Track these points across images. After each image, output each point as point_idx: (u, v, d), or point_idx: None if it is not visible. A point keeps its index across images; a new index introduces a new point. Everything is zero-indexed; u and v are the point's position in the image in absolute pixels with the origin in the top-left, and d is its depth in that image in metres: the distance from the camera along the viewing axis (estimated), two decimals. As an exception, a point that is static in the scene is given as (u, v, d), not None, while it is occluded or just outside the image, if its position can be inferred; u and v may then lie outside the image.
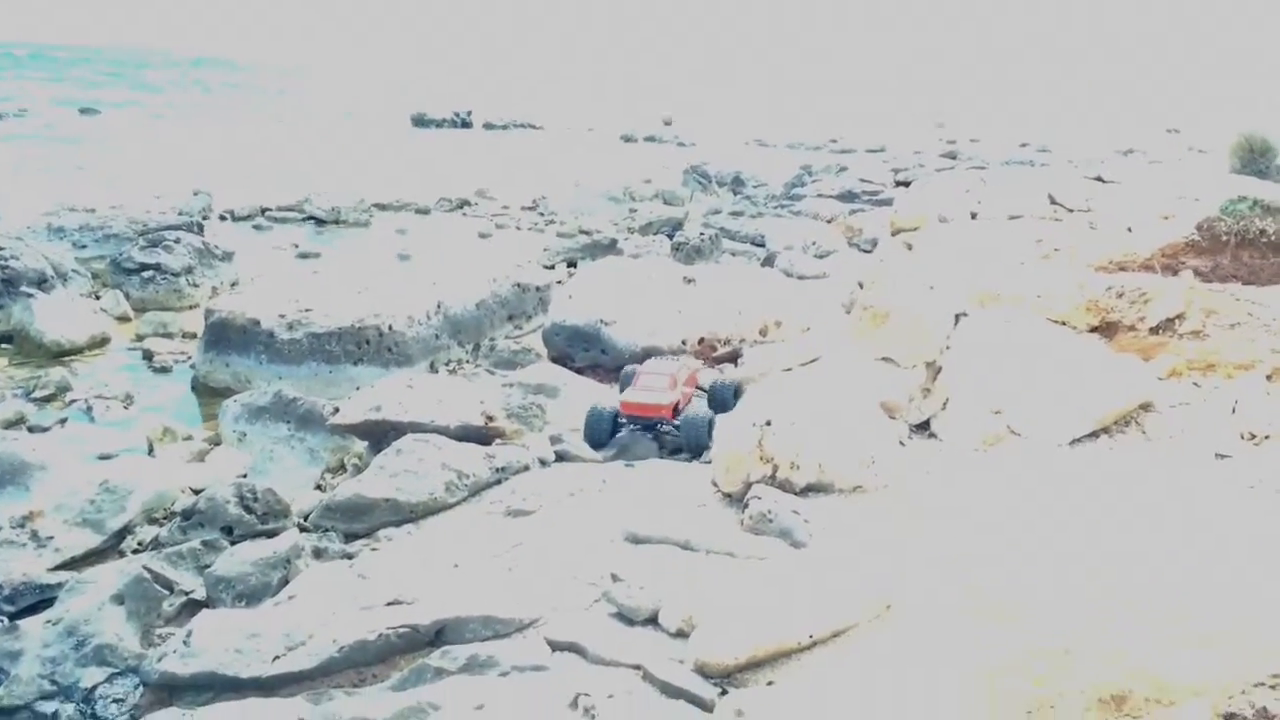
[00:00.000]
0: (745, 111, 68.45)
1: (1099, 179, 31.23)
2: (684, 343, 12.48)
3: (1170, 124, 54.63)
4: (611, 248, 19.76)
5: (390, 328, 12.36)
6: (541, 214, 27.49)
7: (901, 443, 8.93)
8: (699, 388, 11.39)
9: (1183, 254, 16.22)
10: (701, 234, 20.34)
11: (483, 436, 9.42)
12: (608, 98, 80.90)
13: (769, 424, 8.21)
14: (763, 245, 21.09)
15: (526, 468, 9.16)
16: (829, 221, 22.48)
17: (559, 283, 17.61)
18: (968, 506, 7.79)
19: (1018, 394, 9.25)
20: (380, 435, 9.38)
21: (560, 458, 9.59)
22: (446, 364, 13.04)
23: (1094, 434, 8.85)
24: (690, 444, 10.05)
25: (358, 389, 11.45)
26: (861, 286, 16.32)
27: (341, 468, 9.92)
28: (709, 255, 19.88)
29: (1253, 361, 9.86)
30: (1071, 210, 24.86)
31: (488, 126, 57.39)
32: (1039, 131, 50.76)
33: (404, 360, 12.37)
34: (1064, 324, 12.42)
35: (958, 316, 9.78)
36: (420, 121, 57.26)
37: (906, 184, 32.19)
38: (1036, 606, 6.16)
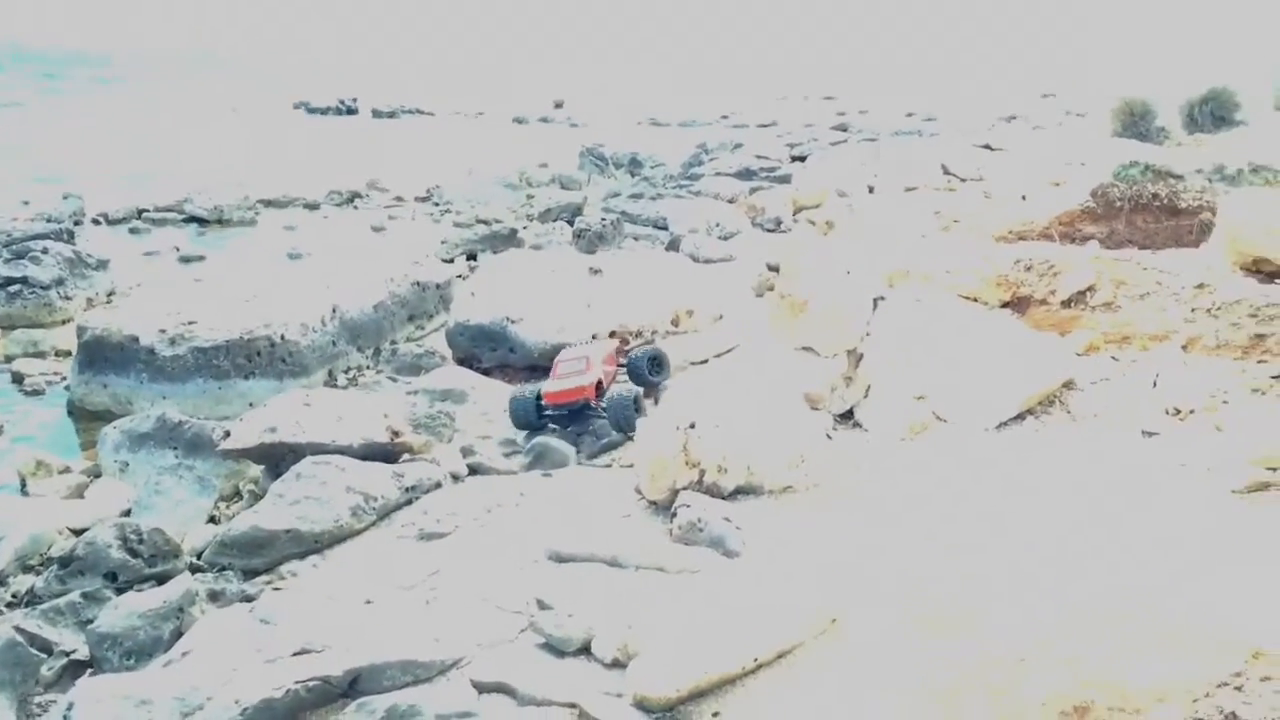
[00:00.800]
0: (636, 90, 67.97)
1: (987, 147, 31.75)
2: (594, 337, 12.02)
3: (1045, 89, 55.92)
4: (511, 238, 19.16)
5: (283, 337, 11.62)
6: (436, 204, 26.66)
7: (828, 435, 8.65)
8: (621, 365, 11.06)
9: (1079, 221, 16.45)
10: (603, 219, 19.85)
11: (389, 454, 8.84)
12: (497, 80, 79.54)
13: (693, 427, 7.84)
14: (665, 228, 20.70)
15: (438, 485, 8.62)
16: (730, 201, 22.22)
17: (460, 277, 16.98)
18: (902, 502, 7.55)
19: (940, 379, 9.06)
20: (277, 458, 8.73)
21: (473, 471, 9.07)
22: (346, 372, 12.36)
23: (1020, 416, 8.70)
24: (618, 423, 9.73)
25: (251, 406, 10.74)
26: (771, 269, 16.11)
27: (237, 495, 9.23)
28: (612, 241, 19.40)
29: (1166, 332, 9.88)
30: (964, 180, 25.20)
31: (375, 114, 55.80)
32: (923, 101, 51.43)
33: (299, 371, 11.65)
34: (975, 300, 12.36)
35: (876, 301, 9.53)
36: (304, 110, 55.43)
37: (802, 159, 32.27)
38: (985, 611, 5.92)
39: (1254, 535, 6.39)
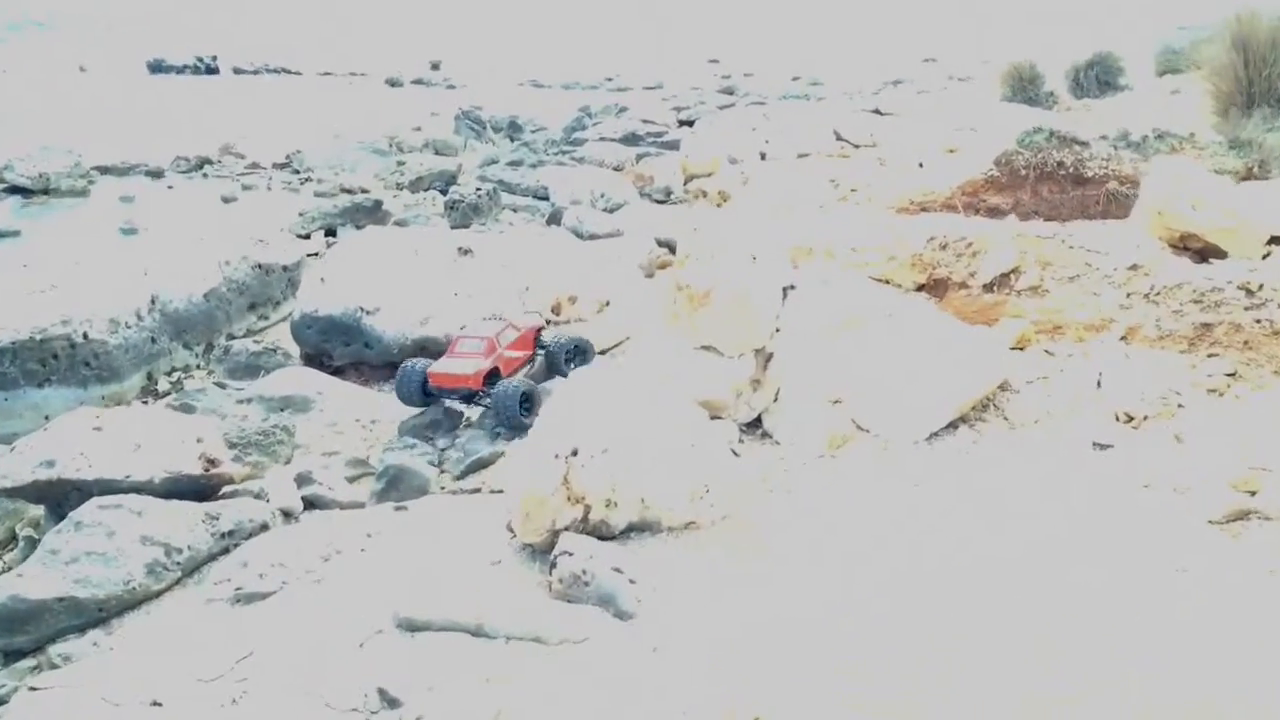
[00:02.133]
0: (516, 50, 65.55)
1: (877, 112, 30.84)
2: (462, 327, 10.48)
3: (925, 54, 55.73)
4: (376, 211, 17.33)
5: (86, 335, 9.76)
6: (296, 171, 24.48)
7: (734, 451, 7.35)
8: (544, 347, 9.73)
9: (983, 191, 15.53)
10: (478, 189, 18.21)
11: (202, 489, 7.20)
12: (371, 39, 75.95)
13: (575, 454, 6.43)
14: (546, 198, 19.15)
15: (264, 526, 7.04)
16: (616, 169, 20.76)
17: (314, 255, 15.17)
18: (826, 539, 6.31)
19: (861, 381, 7.85)
20: (58, 498, 7.01)
21: (311, 505, 7.50)
22: (169, 374, 10.56)
23: (952, 424, 7.55)
24: (502, 420, 8.66)
25: (46, 421, 8.89)
26: (663, 245, 14.73)
27: (12, 539, 7.48)
28: (488, 213, 17.79)
29: (1103, 321, 8.87)
30: (858, 146, 24.15)
31: (237, 72, 52.22)
32: (806, 64, 50.59)
33: (109, 376, 9.84)
34: (888, 282, 11.24)
35: (786, 290, 8.25)
36: (158, 68, 51.55)
37: (690, 123, 30.86)
38: (930, 690, 4.70)
39: (1248, 585, 5.32)
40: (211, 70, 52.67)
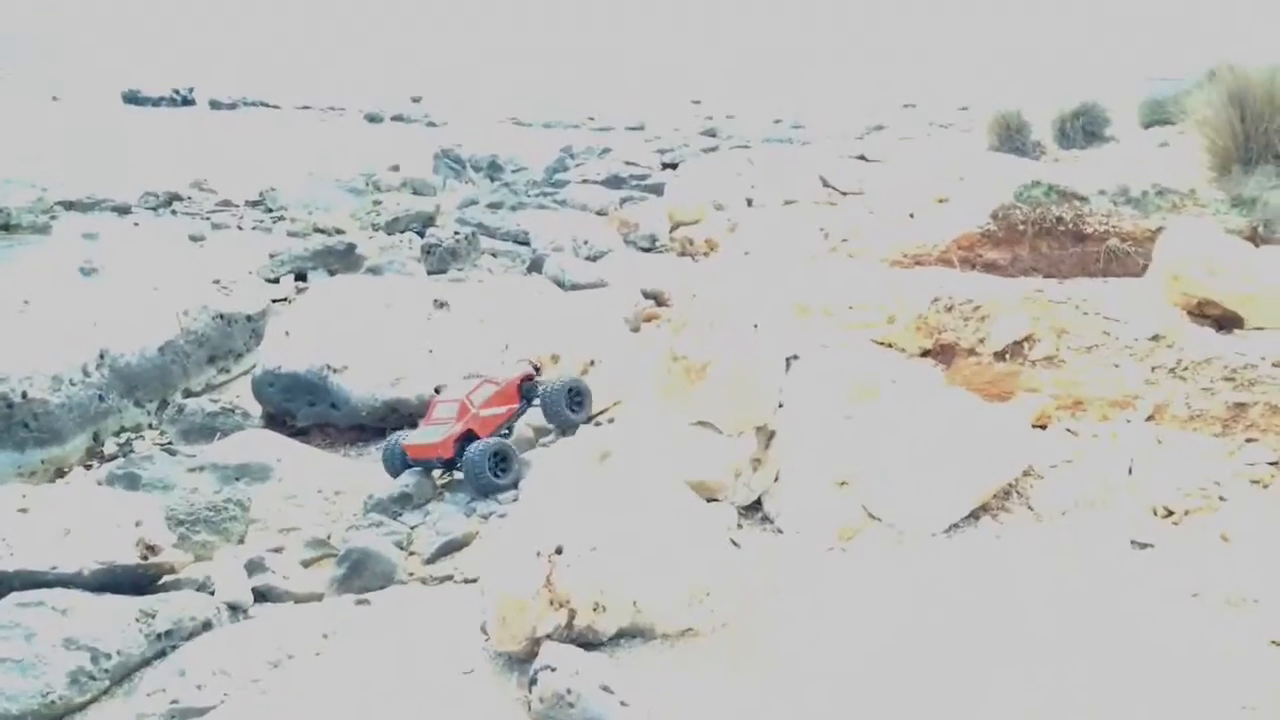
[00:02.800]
0: (498, 86, 65.26)
1: (863, 158, 30.45)
2: (438, 390, 9.79)
3: (904, 99, 55.78)
4: (349, 254, 16.61)
5: (25, 394, 8.98)
6: (269, 209, 23.74)
7: (734, 541, 6.66)
8: (527, 398, 9.18)
9: (979, 245, 15.06)
10: (456, 233, 17.54)
11: (140, 580, 6.43)
12: (351, 73, 75.52)
13: (559, 552, 5.72)
14: (527, 243, 18.52)
15: (207, 625, 6.26)
16: (600, 214, 20.17)
17: (283, 301, 14.45)
18: (836, 647, 5.61)
19: (872, 463, 7.19)
20: (-25, 590, 6.21)
21: (262, 597, 6.74)
22: (118, 435, 9.78)
23: (973, 514, 6.88)
24: (474, 484, 8.16)
25: (-24, 488, 8.10)
26: (649, 298, 14.10)
27: (-76, 634, 6.64)
28: (466, 258, 17.13)
29: (1127, 397, 8.25)
30: (845, 193, 23.74)
31: (214, 105, 51.50)
32: (788, 107, 50.45)
33: (50, 438, 9.05)
34: (890, 346, 10.64)
35: (789, 361, 7.60)
36: (133, 99, 50.78)
37: (674, 166, 30.47)
38: None
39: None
40: (188, 102, 52.08)
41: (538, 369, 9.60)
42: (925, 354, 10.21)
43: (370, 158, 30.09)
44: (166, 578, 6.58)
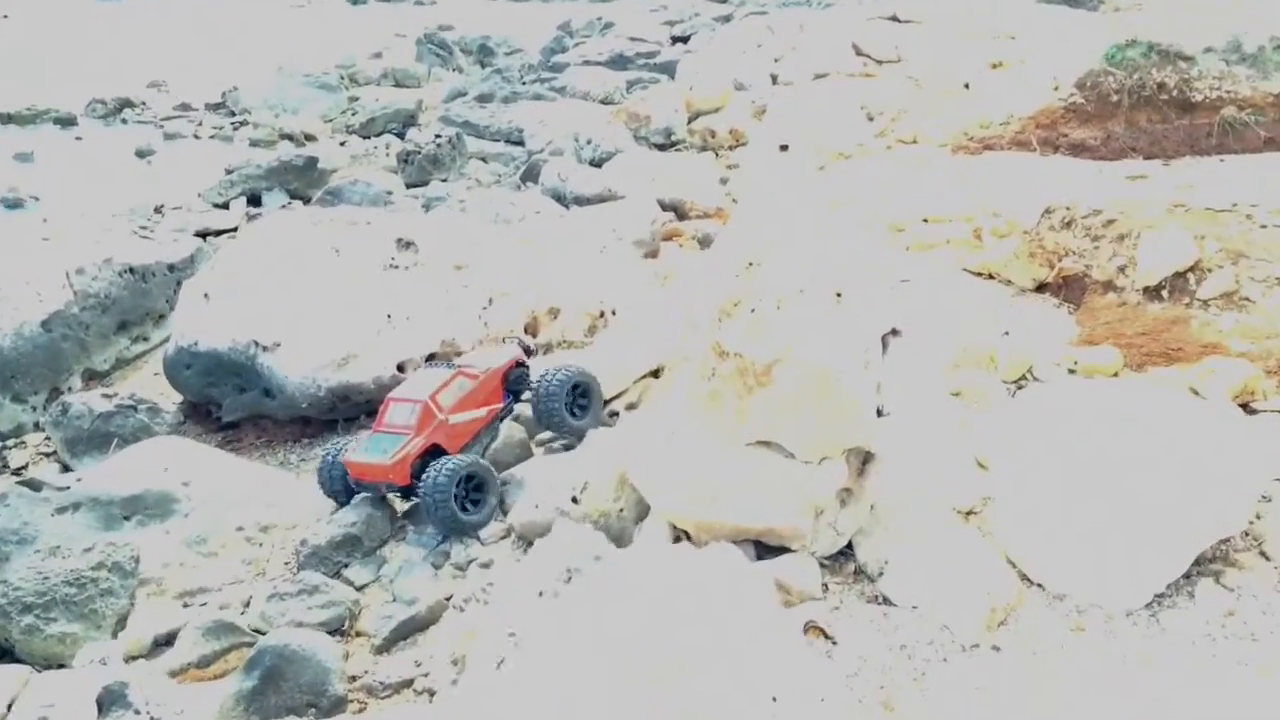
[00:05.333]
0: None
1: (895, 19, 27.09)
2: (400, 368, 7.44)
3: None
4: (310, 170, 14.01)
5: None
6: (232, 113, 21.05)
7: (823, 632, 4.38)
8: (514, 393, 6.80)
9: (1063, 122, 12.63)
10: (437, 137, 14.94)
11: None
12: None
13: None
14: (521, 143, 15.88)
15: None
16: (604, 102, 17.38)
17: (229, 235, 12.01)
18: None
19: (1018, 493, 4.84)
20: None
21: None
22: (-11, 445, 7.49)
23: (1187, 574, 4.55)
24: (437, 520, 5.91)
25: None
26: (669, 209, 11.59)
27: None
28: (449, 166, 14.59)
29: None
30: (881, 62, 20.65)
31: (184, -8, 47.84)
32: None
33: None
34: (992, 277, 8.14)
35: (886, 339, 5.16)
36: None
37: (685, 39, 27.31)
38: None
39: None
40: (156, -9, 48.24)
41: (530, 351, 7.17)
42: (1041, 287, 7.75)
43: (350, 47, 27.07)
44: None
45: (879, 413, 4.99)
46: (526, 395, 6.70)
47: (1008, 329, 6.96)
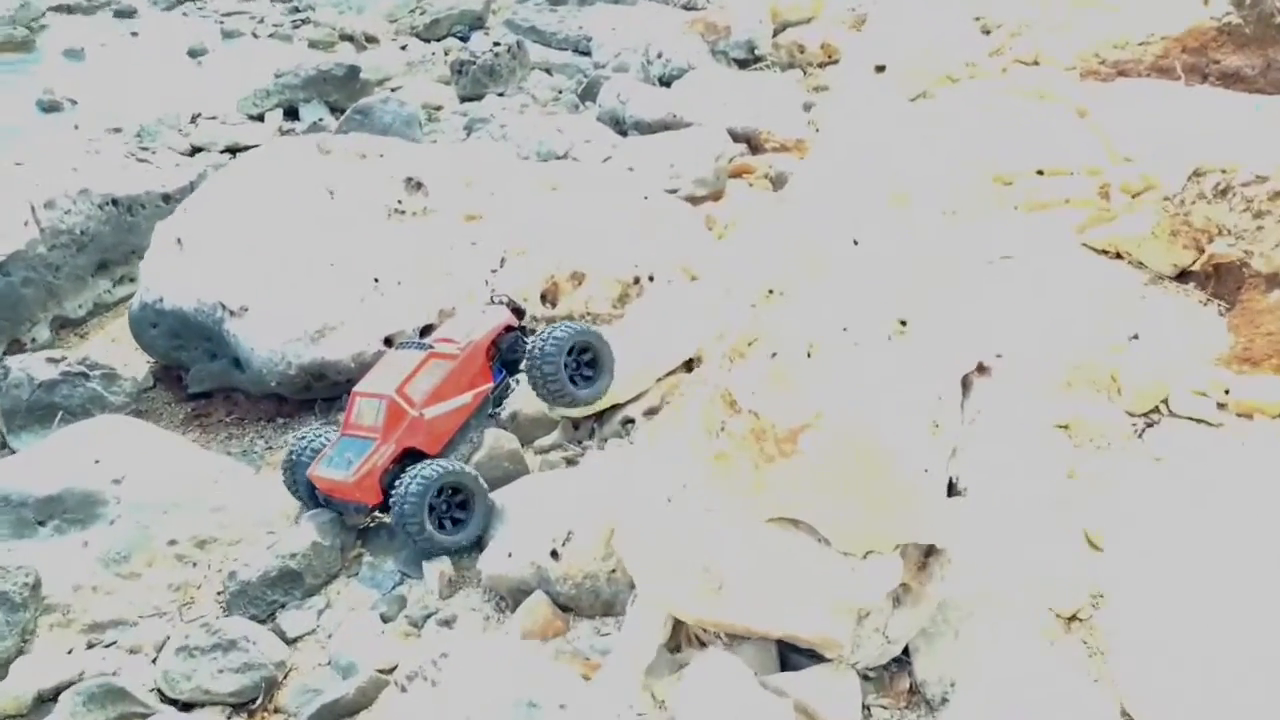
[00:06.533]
0: None
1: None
2: (388, 341, 6.25)
3: None
4: (351, 80, 12.75)
5: None
6: (296, 9, 19.80)
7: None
8: (510, 365, 5.76)
9: (1214, 45, 11.03)
10: (496, 45, 13.51)
11: None
12: None
13: None
14: (589, 53, 14.36)
15: None
16: (686, 9, 15.62)
17: (233, 154, 10.87)
18: None
19: (1126, 574, 3.47)
20: None
21: None
22: (-72, 409, 6.56)
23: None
24: (407, 537, 4.87)
25: None
26: (740, 140, 10.12)
27: None
28: (507, 78, 13.21)
29: None
30: (990, -41, 18.37)
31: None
32: None
33: None
34: (1121, 256, 6.51)
35: (969, 380, 3.75)
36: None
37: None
38: None
39: None
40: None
41: (521, 312, 5.87)
42: (1183, 275, 6.15)
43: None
44: None
45: (951, 488, 3.62)
46: (525, 365, 5.44)
47: (1136, 332, 5.44)
